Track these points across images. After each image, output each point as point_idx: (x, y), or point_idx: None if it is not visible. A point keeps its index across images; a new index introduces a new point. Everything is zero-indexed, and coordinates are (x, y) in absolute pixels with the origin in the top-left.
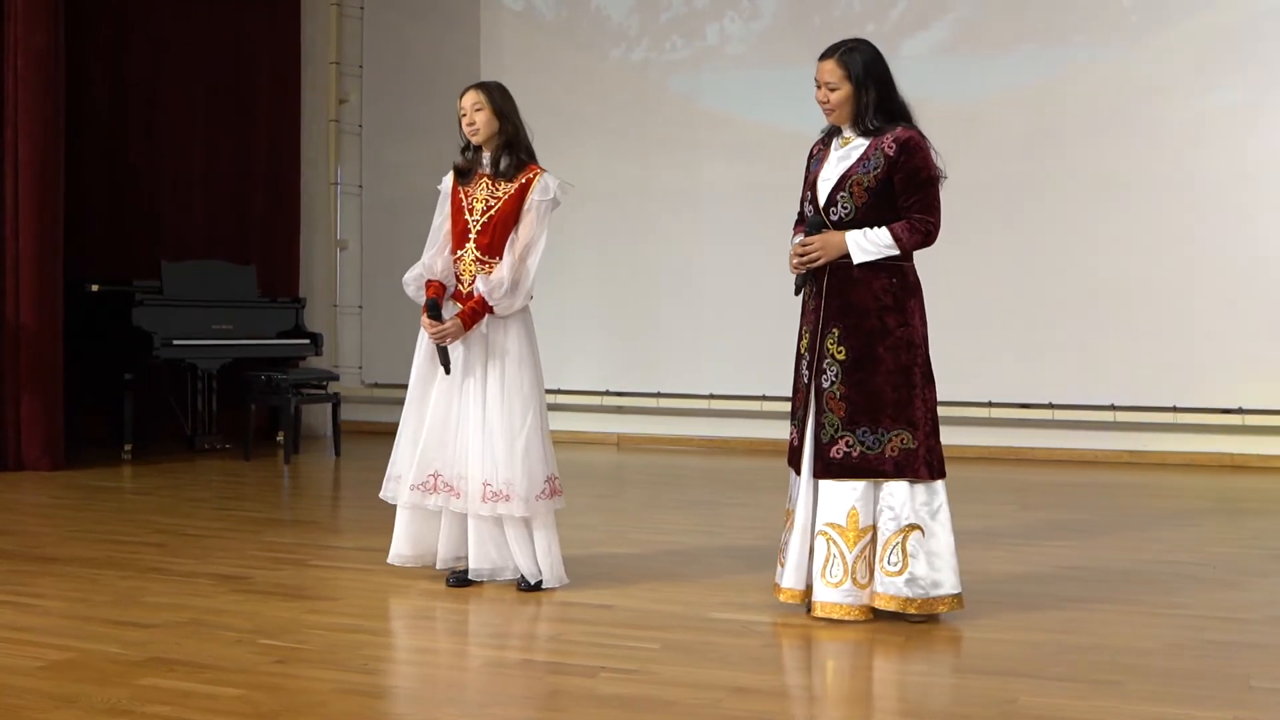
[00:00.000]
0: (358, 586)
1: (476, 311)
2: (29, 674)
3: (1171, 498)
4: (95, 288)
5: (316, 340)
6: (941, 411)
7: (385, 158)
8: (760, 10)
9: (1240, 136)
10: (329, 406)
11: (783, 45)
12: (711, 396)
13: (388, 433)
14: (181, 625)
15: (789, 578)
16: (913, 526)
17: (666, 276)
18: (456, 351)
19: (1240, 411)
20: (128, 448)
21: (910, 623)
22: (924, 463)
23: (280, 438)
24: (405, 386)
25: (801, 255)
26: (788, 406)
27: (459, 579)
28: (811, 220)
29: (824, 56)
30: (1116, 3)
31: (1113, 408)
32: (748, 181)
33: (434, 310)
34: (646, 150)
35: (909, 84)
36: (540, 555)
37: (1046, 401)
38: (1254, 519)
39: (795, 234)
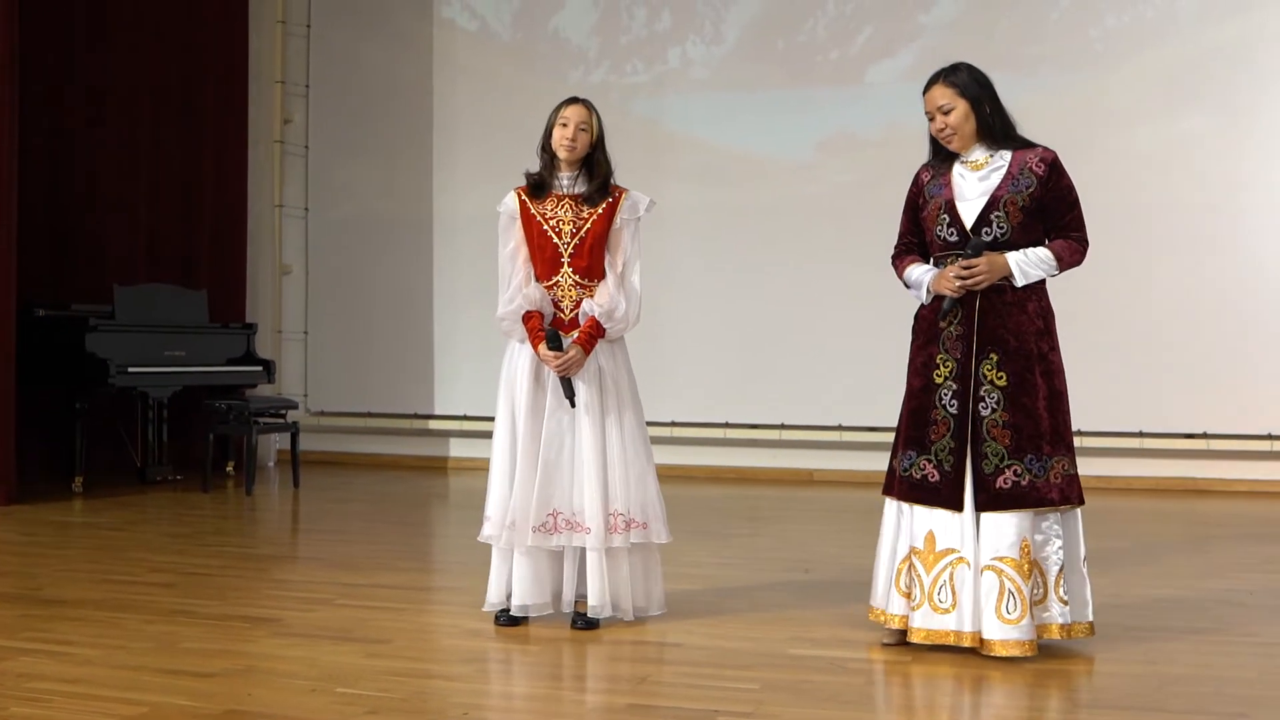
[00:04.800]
0: (402, 627)
1: (593, 336)
2: None
3: (1150, 523)
4: (42, 313)
5: (269, 367)
6: None
7: (333, 180)
8: (723, 34)
9: (1204, 166)
10: (271, 436)
11: (746, 69)
12: (674, 424)
13: (336, 462)
14: (241, 674)
15: (966, 620)
16: (1069, 554)
17: None
18: (579, 382)
19: (1205, 436)
20: (78, 480)
21: (986, 657)
22: (1079, 489)
23: (231, 468)
24: (352, 415)
25: (965, 279)
26: (751, 434)
27: (509, 619)
28: (974, 243)
29: (928, 86)
30: (1083, 32)
31: (1080, 433)
32: (712, 205)
33: (555, 341)
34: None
35: (875, 110)
36: (655, 583)
37: None
38: (1254, 544)
39: (904, 265)
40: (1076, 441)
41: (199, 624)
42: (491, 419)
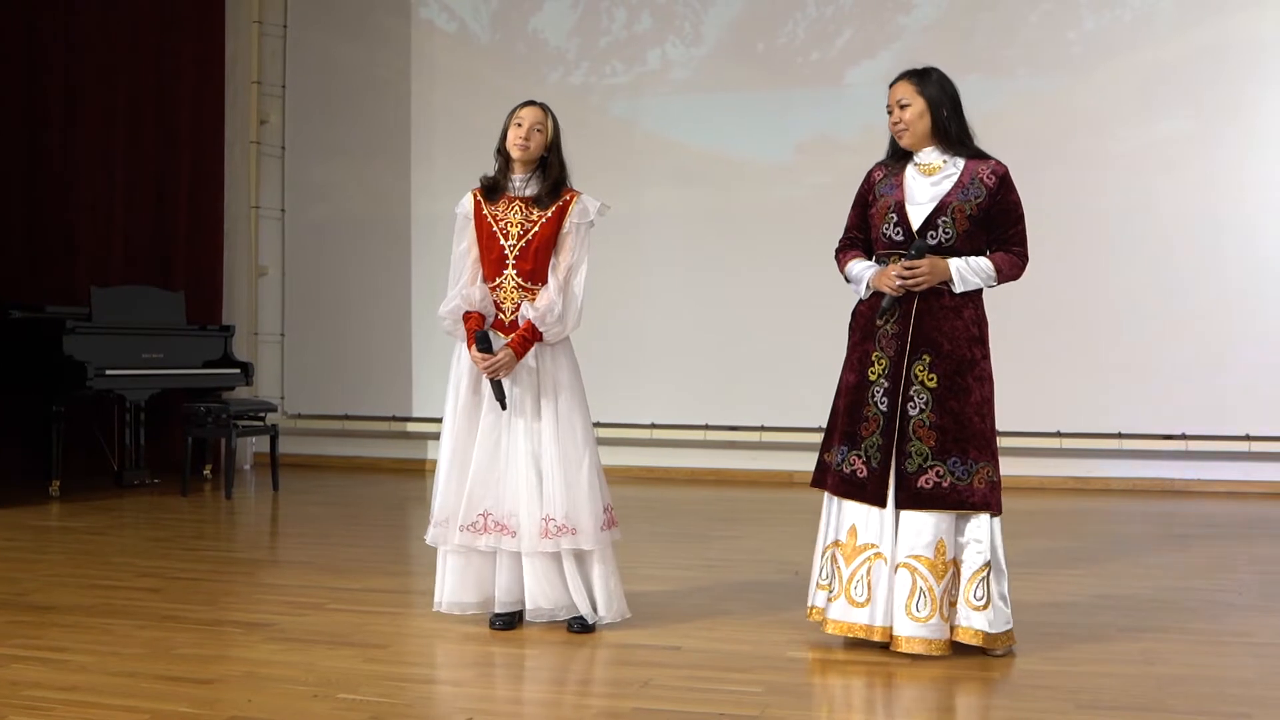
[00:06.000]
0: (398, 631)
1: (527, 340)
2: None
3: (1129, 524)
4: (17, 314)
5: (247, 369)
6: None
7: (309, 181)
8: (703, 36)
9: (1181, 168)
10: (247, 439)
11: (726, 71)
12: (653, 426)
13: (312, 465)
14: (239, 679)
15: (879, 615)
16: (992, 560)
17: (606, 304)
18: (509, 384)
19: (1183, 438)
20: (55, 484)
21: (991, 657)
22: (1000, 498)
23: (208, 471)
24: (329, 418)
25: (907, 278)
26: (730, 435)
27: (504, 622)
28: (918, 245)
29: (894, 81)
30: (1060, 35)
31: (1059, 434)
32: (691, 207)
33: (484, 343)
34: (586, 175)
35: (854, 112)
36: (600, 590)
37: None
38: (1235, 544)
39: (847, 259)
40: (1056, 442)
41: (191, 629)
42: None
